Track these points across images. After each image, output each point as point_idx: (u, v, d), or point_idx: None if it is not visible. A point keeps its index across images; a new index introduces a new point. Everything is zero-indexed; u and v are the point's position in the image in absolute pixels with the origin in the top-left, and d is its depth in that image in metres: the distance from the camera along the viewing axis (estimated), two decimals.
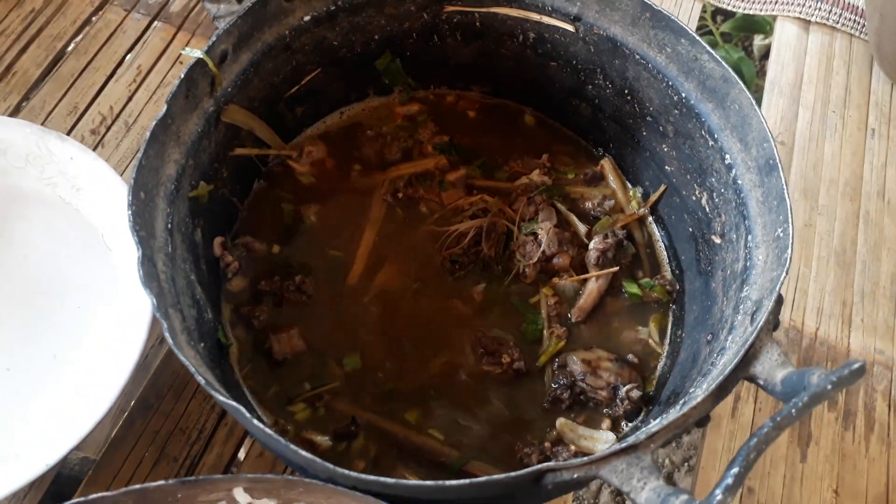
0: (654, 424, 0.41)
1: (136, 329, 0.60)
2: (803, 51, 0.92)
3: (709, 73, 0.56)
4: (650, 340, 0.63)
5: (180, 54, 0.83)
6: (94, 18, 0.84)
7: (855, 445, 0.70)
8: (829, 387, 0.35)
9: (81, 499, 0.44)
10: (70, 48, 0.82)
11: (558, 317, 0.63)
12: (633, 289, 0.64)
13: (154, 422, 0.64)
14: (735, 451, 0.56)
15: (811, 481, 0.68)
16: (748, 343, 0.43)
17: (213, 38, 0.51)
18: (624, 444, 0.40)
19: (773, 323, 0.44)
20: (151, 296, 0.42)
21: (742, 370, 0.43)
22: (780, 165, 0.50)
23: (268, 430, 0.40)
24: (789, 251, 0.47)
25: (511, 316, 0.63)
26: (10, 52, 0.81)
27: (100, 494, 0.44)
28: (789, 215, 0.48)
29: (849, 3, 0.95)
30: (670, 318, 0.64)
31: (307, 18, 0.59)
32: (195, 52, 0.50)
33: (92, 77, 0.80)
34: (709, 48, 0.55)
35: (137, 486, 0.44)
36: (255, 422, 0.40)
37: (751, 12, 0.94)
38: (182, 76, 0.50)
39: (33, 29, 0.83)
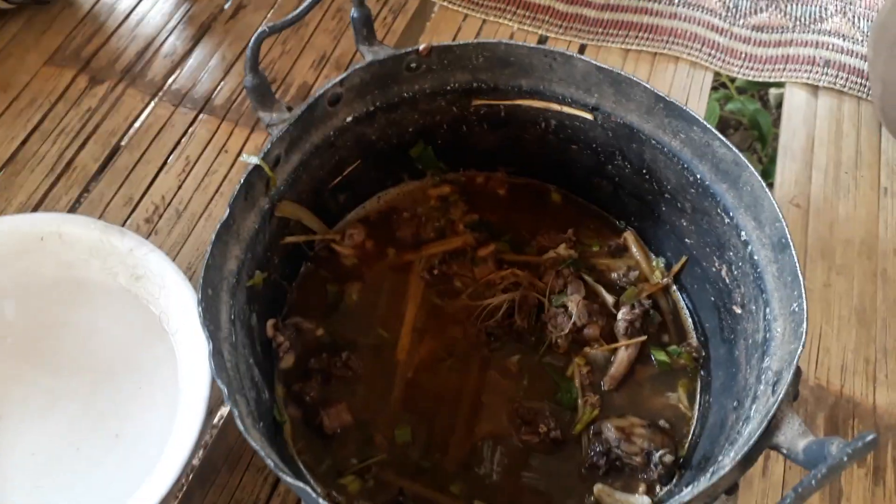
0: (686, 493, 0.44)
1: (195, 407, 0.62)
2: (813, 115, 0.96)
3: (721, 157, 0.60)
4: (680, 405, 0.65)
5: (226, 142, 0.89)
6: (145, 114, 0.91)
7: (886, 501, 0.71)
8: (846, 458, 0.38)
9: None
10: (124, 143, 0.88)
11: (591, 385, 0.66)
12: (661, 356, 0.67)
13: (211, 495, 0.67)
14: None
15: None
16: (770, 414, 0.46)
17: (268, 145, 0.56)
18: None
19: (793, 394, 0.48)
20: (223, 385, 0.46)
21: (766, 440, 0.46)
22: (791, 244, 0.53)
23: None
24: (804, 325, 0.50)
25: (546, 385, 0.66)
26: (70, 149, 0.87)
27: None
28: (803, 291, 0.51)
29: (854, 68, 0.99)
30: (698, 384, 0.66)
31: (349, 119, 0.65)
32: (252, 159, 0.55)
33: (145, 169, 0.86)
34: (720, 135, 0.59)
35: None
36: (322, 501, 0.44)
37: (760, 80, 0.99)
38: (242, 181, 0.55)
39: (90, 126, 0.89)
